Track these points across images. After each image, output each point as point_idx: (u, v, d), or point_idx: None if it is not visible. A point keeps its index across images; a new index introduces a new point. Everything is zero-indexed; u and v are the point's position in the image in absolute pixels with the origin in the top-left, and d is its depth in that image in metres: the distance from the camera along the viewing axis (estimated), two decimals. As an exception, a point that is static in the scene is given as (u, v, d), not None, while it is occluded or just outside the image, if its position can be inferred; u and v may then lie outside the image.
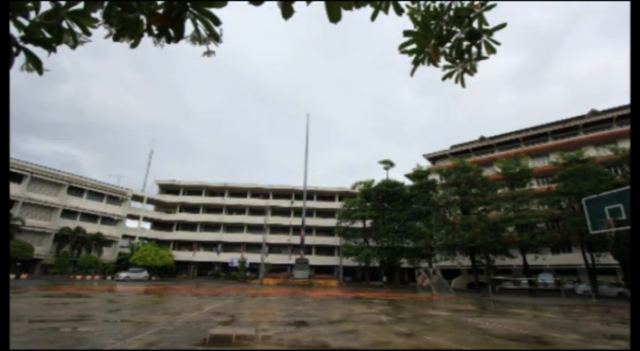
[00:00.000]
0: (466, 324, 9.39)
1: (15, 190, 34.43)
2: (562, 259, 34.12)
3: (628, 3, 2.74)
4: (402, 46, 2.69)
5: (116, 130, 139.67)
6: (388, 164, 42.31)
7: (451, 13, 2.55)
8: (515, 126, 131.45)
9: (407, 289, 31.98)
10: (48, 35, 2.09)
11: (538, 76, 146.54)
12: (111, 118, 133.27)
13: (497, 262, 32.69)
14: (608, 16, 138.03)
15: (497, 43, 2.62)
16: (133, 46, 2.28)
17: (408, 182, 43.70)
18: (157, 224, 53.62)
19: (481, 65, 2.69)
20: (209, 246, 51.04)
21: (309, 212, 50.16)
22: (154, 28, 2.21)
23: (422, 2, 2.54)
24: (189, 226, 53.20)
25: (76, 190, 41.40)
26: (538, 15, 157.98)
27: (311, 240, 49.31)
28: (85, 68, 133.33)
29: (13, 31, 2.00)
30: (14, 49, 2.00)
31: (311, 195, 52.42)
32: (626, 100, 49.23)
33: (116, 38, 2.19)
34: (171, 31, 2.20)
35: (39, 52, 2.13)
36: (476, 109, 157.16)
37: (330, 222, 49.64)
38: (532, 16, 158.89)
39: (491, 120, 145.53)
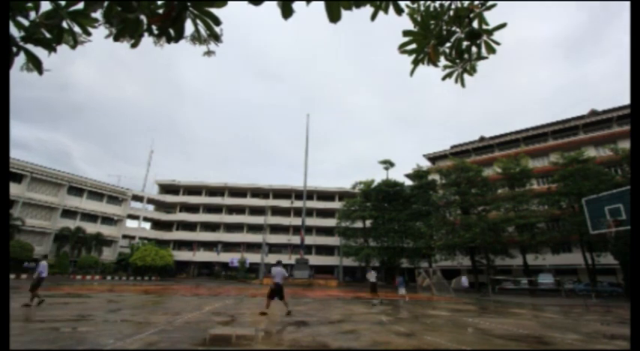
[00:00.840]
0: (466, 324, 9.39)
1: (15, 190, 34.42)
2: (562, 259, 34.13)
3: None
4: (402, 45, 2.69)
5: (107, 112, 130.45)
6: (388, 164, 42.35)
7: (451, 13, 2.55)
8: (517, 124, 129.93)
9: (407, 290, 31.93)
10: (48, 35, 2.09)
11: (589, 44, 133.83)
12: (101, 98, 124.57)
13: (497, 262, 32.68)
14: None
15: (497, 43, 2.62)
16: (133, 46, 2.28)
17: (409, 182, 43.71)
18: (157, 224, 53.64)
19: (521, 31, 2.62)
20: (209, 246, 51.03)
21: (309, 212, 50.16)
22: (154, 28, 2.21)
23: (422, 2, 2.54)
24: (189, 226, 53.21)
25: (76, 190, 41.40)
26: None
27: (311, 240, 49.32)
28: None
29: (13, 31, 2.00)
30: (14, 49, 2.00)
31: (311, 195, 52.42)
32: (626, 100, 49.26)
33: (116, 38, 2.19)
34: (172, 31, 2.20)
35: (39, 52, 2.13)
36: (510, 86, 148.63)
37: (330, 222, 49.64)
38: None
39: (525, 101, 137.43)
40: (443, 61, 2.79)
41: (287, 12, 2.16)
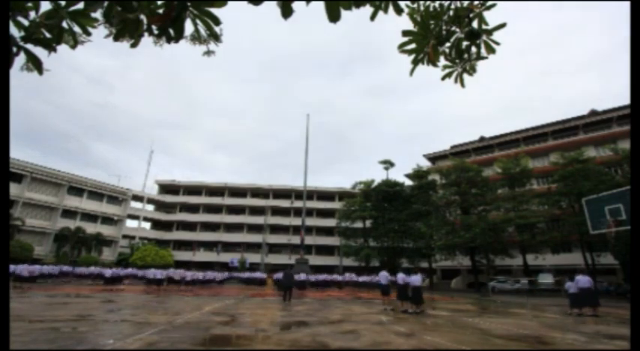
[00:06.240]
0: (466, 324, 9.39)
1: (15, 190, 34.44)
2: (562, 259, 34.11)
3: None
4: (402, 45, 2.69)
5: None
6: (388, 164, 42.36)
7: (451, 13, 2.55)
8: (517, 126, 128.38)
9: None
10: (48, 35, 2.09)
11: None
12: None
13: (497, 262, 32.66)
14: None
15: (497, 43, 2.62)
16: (133, 46, 2.28)
17: (409, 182, 43.72)
18: (157, 224, 53.64)
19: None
20: (209, 246, 51.06)
21: (309, 212, 50.15)
22: (154, 27, 2.21)
23: (421, 2, 2.54)
24: (189, 226, 53.23)
25: (76, 190, 41.43)
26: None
27: (311, 240, 49.31)
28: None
29: (13, 31, 2.00)
30: (14, 49, 2.00)
31: (311, 195, 52.42)
32: (626, 100, 49.24)
33: (116, 38, 2.19)
34: (172, 31, 2.21)
35: (39, 52, 2.13)
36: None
37: (330, 222, 49.65)
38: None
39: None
40: (442, 61, 2.79)
41: (287, 12, 2.17)
